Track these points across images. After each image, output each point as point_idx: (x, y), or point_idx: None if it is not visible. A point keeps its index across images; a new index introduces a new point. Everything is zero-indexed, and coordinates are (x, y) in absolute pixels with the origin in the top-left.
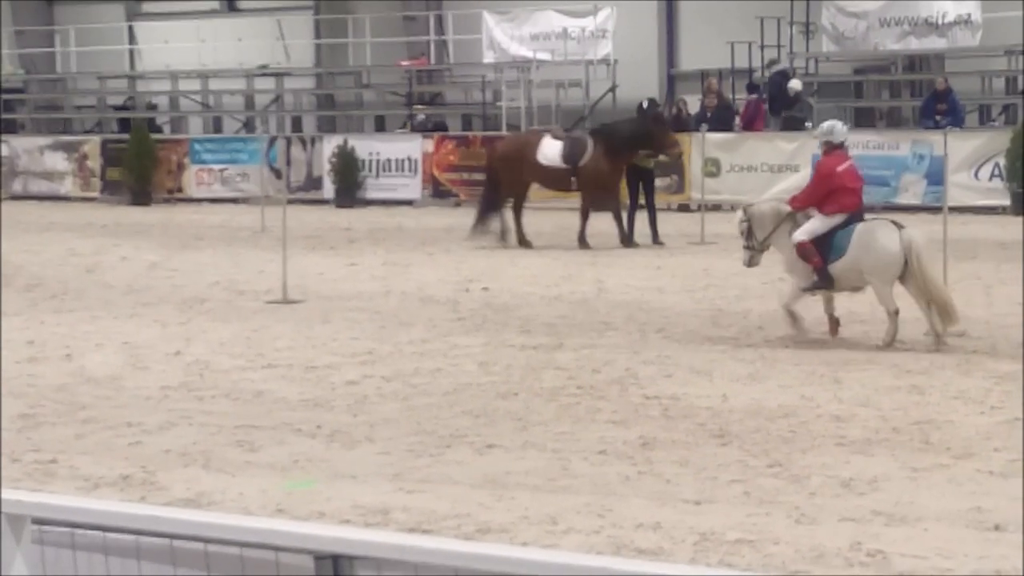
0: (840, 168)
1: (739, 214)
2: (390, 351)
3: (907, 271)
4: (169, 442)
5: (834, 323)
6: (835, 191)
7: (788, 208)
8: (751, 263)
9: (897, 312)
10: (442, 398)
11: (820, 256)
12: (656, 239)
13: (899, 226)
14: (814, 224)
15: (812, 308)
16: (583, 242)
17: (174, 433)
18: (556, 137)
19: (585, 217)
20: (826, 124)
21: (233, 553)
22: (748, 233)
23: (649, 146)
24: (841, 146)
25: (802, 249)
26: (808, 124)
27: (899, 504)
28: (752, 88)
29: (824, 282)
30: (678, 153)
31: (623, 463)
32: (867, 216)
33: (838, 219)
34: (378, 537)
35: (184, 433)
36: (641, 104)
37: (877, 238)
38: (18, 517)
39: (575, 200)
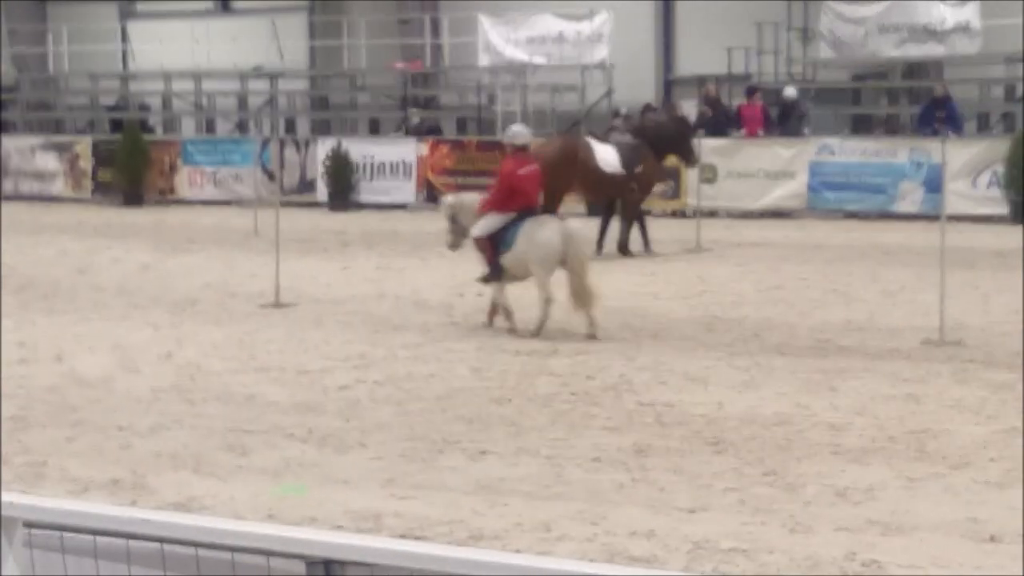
0: (521, 171)
1: (447, 199)
2: (383, 355)
3: (565, 259)
4: (160, 445)
5: (505, 312)
6: (515, 192)
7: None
8: (453, 247)
9: (551, 301)
10: (435, 403)
11: (492, 250)
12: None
13: (561, 218)
14: (489, 220)
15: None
16: (627, 250)
17: (165, 436)
18: (602, 141)
19: (631, 225)
20: (511, 128)
21: (224, 558)
22: (452, 220)
23: (678, 152)
24: (524, 149)
25: (478, 243)
26: (806, 131)
27: (895, 513)
28: (751, 91)
29: (494, 274)
30: (696, 162)
31: (617, 470)
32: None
33: (511, 215)
34: (370, 542)
35: (175, 436)
36: (651, 106)
37: (541, 230)
38: (10, 520)
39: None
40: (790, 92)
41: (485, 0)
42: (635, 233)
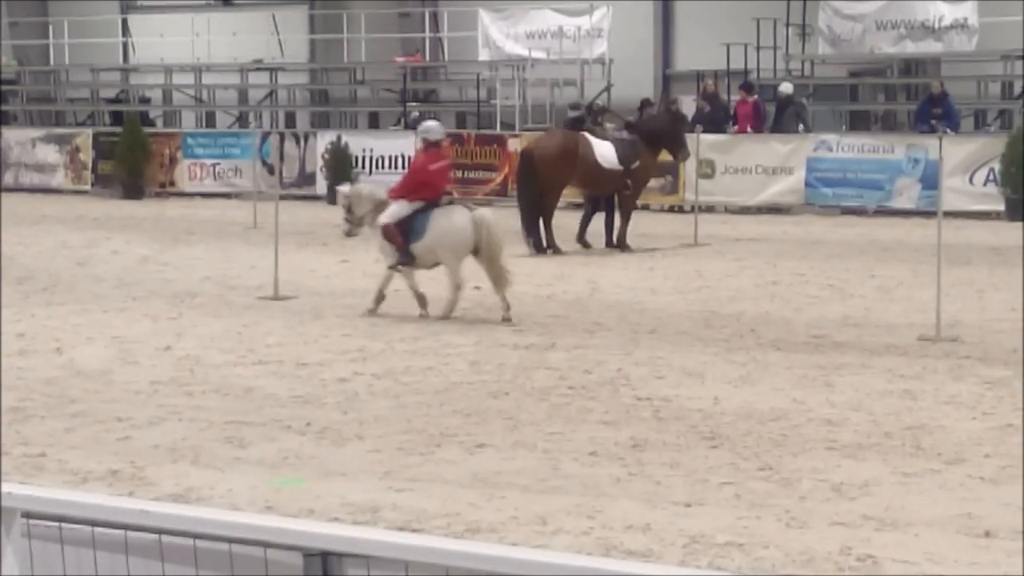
0: (433, 166)
1: (343, 189)
2: (381, 349)
3: (478, 247)
4: (158, 437)
5: (421, 299)
6: (424, 184)
7: (384, 195)
8: (349, 234)
9: (460, 288)
10: (433, 397)
11: (402, 237)
12: (612, 242)
13: (471, 208)
14: (397, 208)
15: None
16: (625, 245)
17: (163, 428)
18: (601, 137)
19: (628, 219)
20: (424, 123)
21: (222, 549)
22: (348, 209)
23: (669, 146)
24: (437, 145)
25: (386, 231)
26: (802, 127)
27: (890, 509)
28: (747, 87)
29: (406, 259)
30: (686, 157)
31: (614, 464)
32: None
33: (418, 205)
34: (368, 534)
35: (173, 428)
36: (646, 100)
37: (452, 219)
38: (9, 510)
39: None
40: (786, 88)
41: None
42: (594, 224)
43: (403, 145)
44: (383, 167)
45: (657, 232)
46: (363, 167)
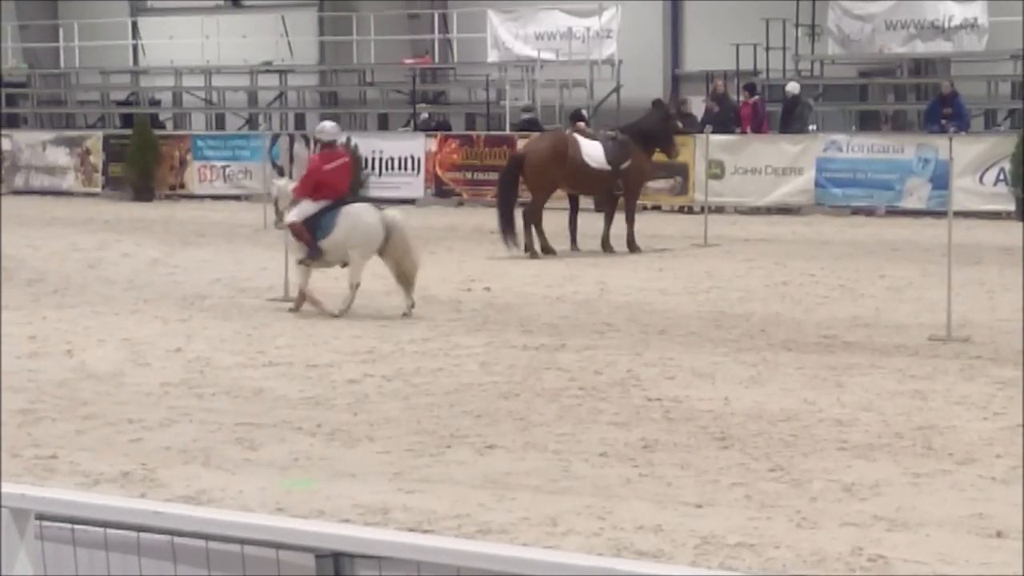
0: (328, 166)
1: (280, 182)
2: (391, 350)
3: (387, 246)
4: (169, 439)
5: (310, 298)
6: (322, 184)
7: None
8: (277, 227)
9: (359, 286)
10: (443, 398)
11: (310, 234)
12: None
13: (379, 207)
14: (303, 207)
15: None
16: (609, 246)
17: (174, 430)
18: (591, 138)
19: (632, 220)
20: (320, 124)
21: (234, 550)
22: (276, 204)
23: (660, 145)
24: (332, 144)
25: (294, 228)
26: (812, 127)
27: (901, 509)
28: (750, 88)
29: (314, 254)
30: (676, 154)
31: (624, 465)
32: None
33: (324, 204)
34: (380, 535)
35: (184, 430)
36: (658, 101)
37: (362, 218)
38: (22, 511)
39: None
40: (793, 88)
41: None
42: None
43: (413, 147)
44: (393, 168)
45: (667, 233)
46: (373, 169)
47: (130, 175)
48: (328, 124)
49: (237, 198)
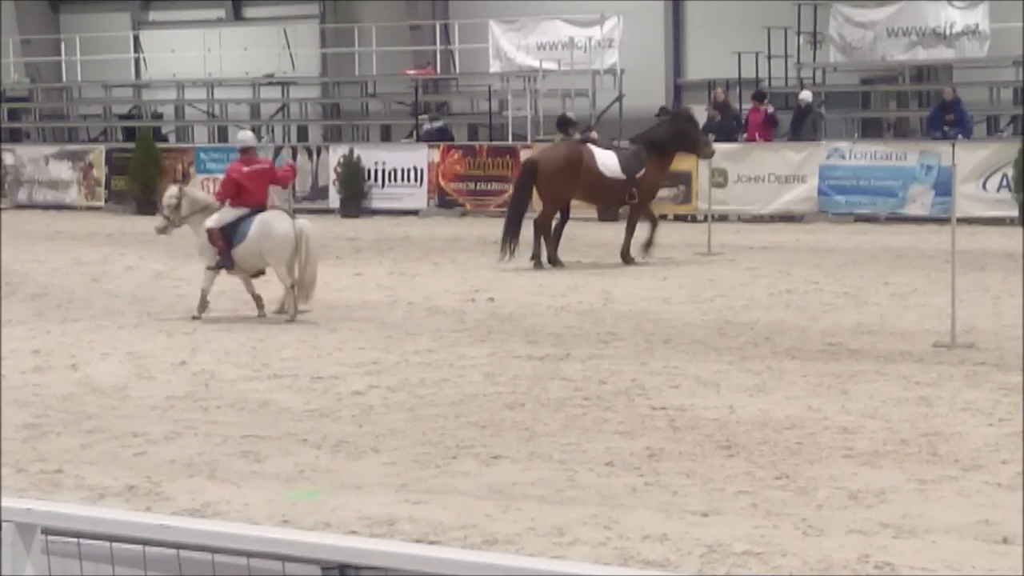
0: (246, 169)
1: (172, 190)
2: (396, 361)
3: (294, 254)
4: (174, 452)
5: (201, 303)
6: (242, 190)
7: (212, 199)
8: (162, 231)
9: (293, 287)
10: (448, 408)
11: (225, 241)
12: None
13: (293, 216)
14: (222, 214)
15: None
16: (629, 257)
17: (179, 443)
18: (604, 147)
19: (632, 232)
20: (239, 133)
21: (240, 563)
22: (175, 208)
23: (685, 148)
24: (251, 151)
25: (211, 234)
26: (823, 138)
27: (907, 516)
28: (759, 96)
29: (226, 262)
30: (711, 153)
31: (630, 474)
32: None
33: (243, 211)
34: (386, 547)
35: (189, 443)
36: (664, 109)
37: (275, 226)
38: (28, 526)
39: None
40: (805, 96)
41: (496, 2)
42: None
43: (416, 158)
44: (396, 180)
45: (670, 241)
46: (376, 180)
47: (133, 189)
48: (246, 133)
49: None
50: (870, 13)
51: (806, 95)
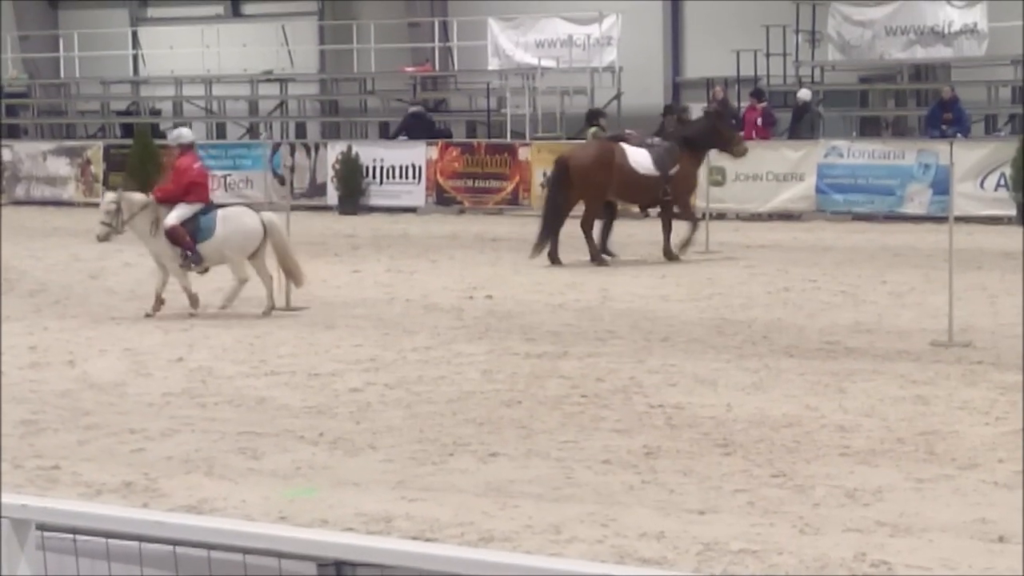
0: (196, 165)
1: (110, 195)
2: (394, 358)
3: (266, 247)
4: (171, 449)
5: (193, 299)
6: (192, 185)
7: (153, 200)
8: (105, 238)
9: (245, 282)
10: (445, 406)
11: (191, 237)
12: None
13: (257, 210)
14: (180, 211)
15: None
16: (672, 254)
17: (176, 440)
18: (636, 145)
19: (670, 229)
20: (175, 131)
21: (236, 560)
22: (115, 213)
23: (718, 145)
24: (191, 148)
25: (173, 232)
26: (821, 138)
27: (904, 515)
28: (757, 94)
29: (195, 259)
30: (744, 151)
31: (627, 472)
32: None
33: (198, 207)
34: (382, 544)
35: (186, 440)
36: (671, 107)
37: (243, 220)
38: (23, 522)
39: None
40: (804, 94)
41: (495, 2)
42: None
43: (414, 155)
44: (394, 177)
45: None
46: (374, 177)
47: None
48: (184, 130)
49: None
50: (868, 12)
51: (804, 93)
